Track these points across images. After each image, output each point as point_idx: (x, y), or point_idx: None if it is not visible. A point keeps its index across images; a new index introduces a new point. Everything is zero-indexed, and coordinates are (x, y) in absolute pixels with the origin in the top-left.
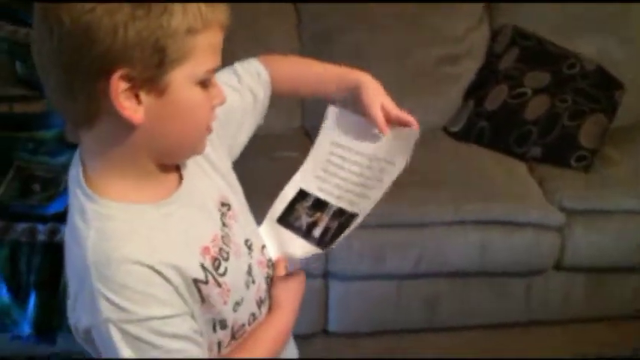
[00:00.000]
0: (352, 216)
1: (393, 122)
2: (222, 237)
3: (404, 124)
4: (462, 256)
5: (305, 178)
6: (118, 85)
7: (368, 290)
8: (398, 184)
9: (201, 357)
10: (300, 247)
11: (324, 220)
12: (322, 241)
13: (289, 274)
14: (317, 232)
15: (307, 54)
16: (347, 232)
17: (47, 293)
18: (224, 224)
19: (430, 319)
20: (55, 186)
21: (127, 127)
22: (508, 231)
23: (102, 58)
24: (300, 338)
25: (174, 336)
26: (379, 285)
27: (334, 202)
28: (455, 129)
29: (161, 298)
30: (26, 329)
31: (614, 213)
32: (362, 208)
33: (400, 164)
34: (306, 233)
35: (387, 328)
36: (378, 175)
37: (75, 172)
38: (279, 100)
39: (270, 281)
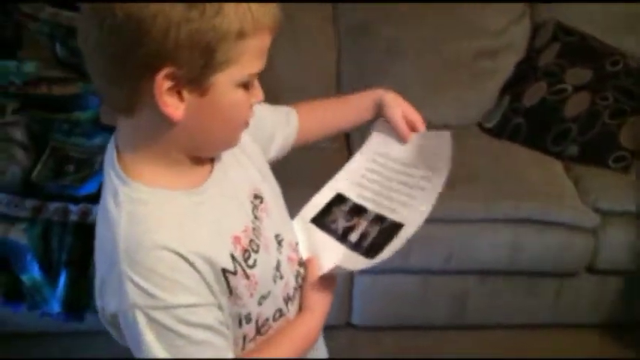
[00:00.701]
0: (397, 226)
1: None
2: (254, 229)
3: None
4: (491, 254)
5: (344, 183)
6: (163, 83)
7: (394, 284)
8: None
9: (225, 349)
10: (334, 250)
11: (362, 225)
12: (360, 247)
13: (322, 277)
14: (354, 237)
15: (344, 48)
16: (396, 243)
17: (77, 272)
18: (255, 217)
19: (456, 316)
20: (89, 167)
21: (166, 122)
22: (540, 230)
23: (151, 55)
24: (323, 330)
25: (200, 325)
26: (405, 279)
27: (373, 208)
28: (489, 125)
29: (188, 286)
30: (55, 307)
31: None
32: (407, 217)
33: (441, 172)
34: (342, 237)
35: (412, 324)
36: (419, 183)
37: (110, 155)
38: (312, 91)
39: (302, 280)
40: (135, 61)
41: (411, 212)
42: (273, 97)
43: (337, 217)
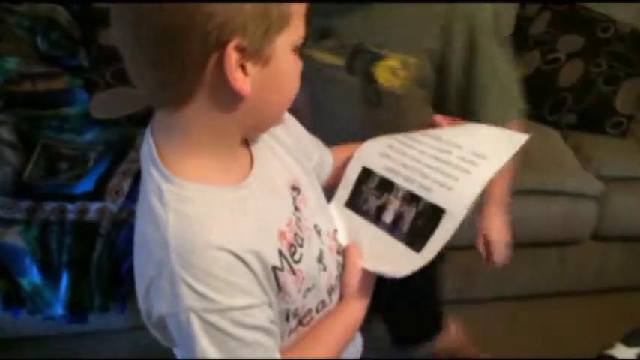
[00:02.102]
0: (437, 210)
1: None
2: (296, 221)
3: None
4: None
5: (369, 155)
6: (232, 57)
7: None
8: None
9: (273, 349)
10: (374, 235)
11: (393, 203)
12: (399, 231)
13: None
14: (388, 218)
15: None
16: (442, 234)
17: (79, 273)
18: (296, 208)
19: (463, 290)
20: (82, 164)
21: (229, 102)
22: (544, 200)
23: (219, 29)
24: None
25: (253, 327)
26: None
27: (402, 183)
28: None
29: (244, 287)
30: (59, 309)
31: None
32: (449, 202)
33: (494, 163)
34: (376, 218)
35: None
36: (461, 164)
37: (147, 151)
38: None
39: (342, 268)
40: (202, 38)
41: (452, 197)
42: None
43: (368, 197)
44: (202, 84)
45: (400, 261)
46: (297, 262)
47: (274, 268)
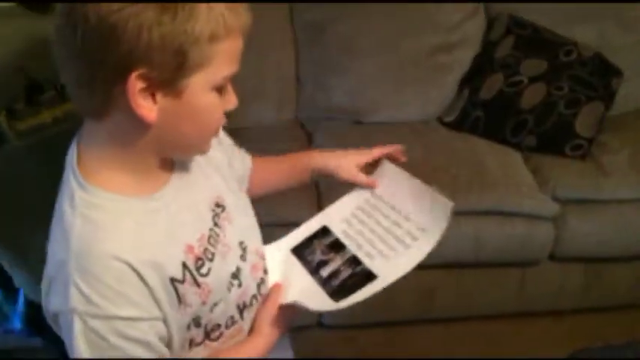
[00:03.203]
0: (369, 275)
1: (389, 159)
2: (209, 237)
3: (389, 157)
4: (455, 247)
5: (332, 218)
6: (136, 84)
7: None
8: None
9: None
10: (304, 282)
11: (336, 262)
12: (329, 284)
13: (282, 306)
14: (325, 272)
15: (301, 47)
16: (363, 293)
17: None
18: (216, 224)
19: (425, 310)
20: None
21: (138, 125)
22: (501, 222)
23: (124, 57)
24: (295, 331)
25: (136, 340)
26: None
27: (352, 248)
28: (449, 119)
29: (133, 299)
30: (17, 324)
31: (610, 202)
32: (382, 271)
33: (430, 238)
34: (315, 270)
35: (382, 320)
36: (405, 239)
37: (71, 155)
38: (271, 92)
39: (262, 302)
40: (109, 63)
41: (388, 266)
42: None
43: (315, 250)
44: (115, 104)
45: (317, 299)
46: (203, 275)
47: (172, 280)
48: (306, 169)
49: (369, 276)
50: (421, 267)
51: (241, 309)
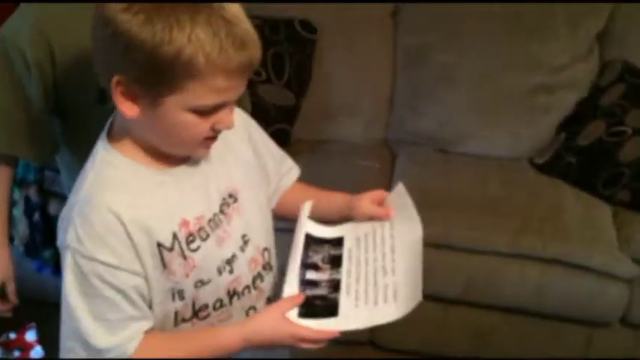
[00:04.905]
0: (333, 309)
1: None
2: (210, 220)
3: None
4: (516, 292)
5: (351, 231)
6: (116, 87)
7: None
8: (459, 207)
9: (131, 319)
10: (294, 274)
11: (324, 275)
12: (303, 287)
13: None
14: (309, 276)
15: (400, 70)
16: (318, 324)
17: None
18: (222, 211)
19: (477, 350)
20: None
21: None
22: (569, 273)
23: (109, 62)
24: (345, 346)
25: (112, 286)
26: (426, 305)
27: (344, 271)
28: (540, 160)
29: (115, 249)
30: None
31: None
32: (345, 312)
33: (408, 303)
34: (304, 266)
35: (432, 351)
36: (386, 292)
37: (108, 122)
38: (364, 109)
39: (269, 303)
40: (101, 63)
41: (351, 312)
42: (326, 112)
43: (320, 252)
44: (112, 94)
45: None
46: (193, 250)
47: (159, 244)
48: (340, 210)
49: (332, 310)
50: (476, 305)
51: (231, 295)
